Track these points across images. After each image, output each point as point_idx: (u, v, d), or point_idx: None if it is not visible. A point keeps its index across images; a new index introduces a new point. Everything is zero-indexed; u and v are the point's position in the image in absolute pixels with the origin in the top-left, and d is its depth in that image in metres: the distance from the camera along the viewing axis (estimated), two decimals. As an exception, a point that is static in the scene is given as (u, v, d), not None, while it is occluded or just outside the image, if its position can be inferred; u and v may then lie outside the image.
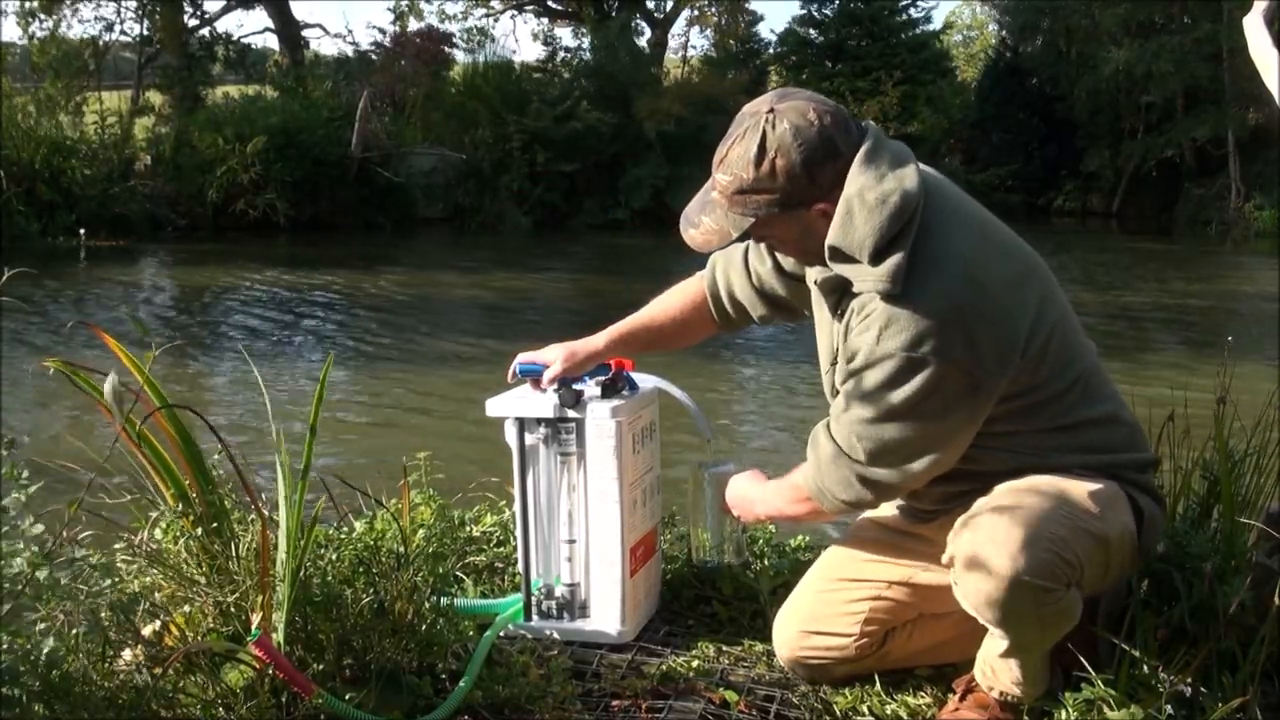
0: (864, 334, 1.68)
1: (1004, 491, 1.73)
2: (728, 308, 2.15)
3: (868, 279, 1.66)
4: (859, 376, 1.71)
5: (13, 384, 6.50)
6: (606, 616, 2.16)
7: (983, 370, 1.66)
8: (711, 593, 2.38)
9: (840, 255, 1.68)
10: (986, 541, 1.65)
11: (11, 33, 28.51)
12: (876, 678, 2.00)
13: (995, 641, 1.76)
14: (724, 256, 2.15)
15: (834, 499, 1.82)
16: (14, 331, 8.46)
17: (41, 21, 19.46)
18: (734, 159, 1.70)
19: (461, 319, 10.49)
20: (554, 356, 2.11)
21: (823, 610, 1.99)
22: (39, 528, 1.50)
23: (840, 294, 1.77)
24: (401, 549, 1.90)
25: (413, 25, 24.49)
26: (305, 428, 1.77)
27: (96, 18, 33.40)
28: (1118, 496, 1.76)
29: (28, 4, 19.18)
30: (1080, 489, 1.72)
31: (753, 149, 1.67)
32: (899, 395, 1.67)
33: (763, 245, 2.05)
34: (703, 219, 1.77)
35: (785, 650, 2.03)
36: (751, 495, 2.07)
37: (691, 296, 2.18)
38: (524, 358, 2.16)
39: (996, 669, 1.81)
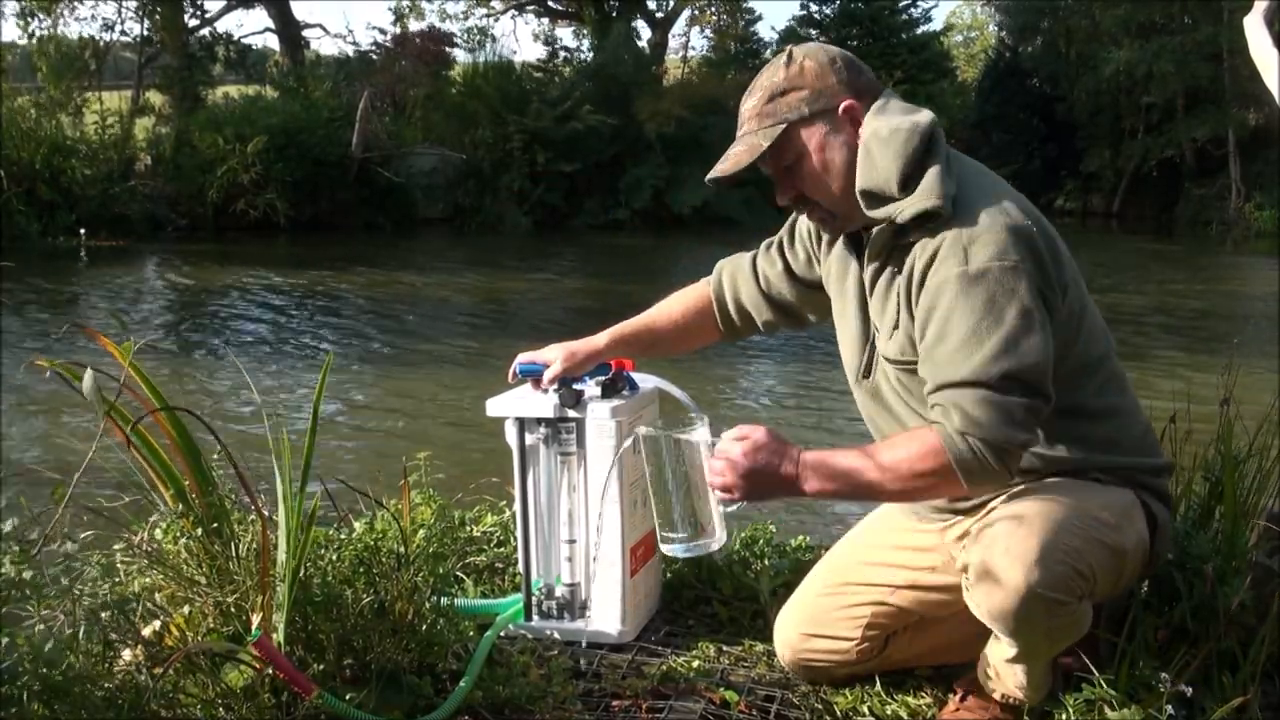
0: (943, 266, 1.62)
1: (1019, 499, 1.70)
2: (732, 314, 2.15)
3: (911, 206, 1.65)
4: (959, 309, 1.59)
5: (12, 385, 6.50)
6: (607, 616, 2.16)
7: (1049, 286, 1.64)
8: (712, 593, 2.38)
9: (873, 198, 1.70)
10: (1001, 552, 1.62)
11: (11, 33, 28.52)
12: (877, 678, 2.00)
13: (1001, 647, 1.75)
14: (731, 263, 2.15)
15: (999, 452, 1.57)
16: (13, 332, 8.46)
17: (41, 21, 19.44)
18: (762, 79, 1.79)
19: (461, 319, 10.48)
20: (554, 356, 2.11)
21: (824, 614, 1.98)
22: (14, 527, 1.50)
23: (891, 249, 1.73)
24: (402, 549, 1.90)
25: (413, 25, 24.56)
26: (305, 427, 1.77)
27: (94, 16, 33.49)
28: (1134, 505, 1.74)
29: (25, 4, 19.15)
30: (1097, 499, 1.69)
31: (780, 60, 1.78)
32: (1013, 309, 1.58)
33: (773, 249, 2.07)
34: (731, 150, 1.79)
35: (786, 652, 2.03)
36: (784, 471, 1.67)
37: (696, 301, 2.18)
38: (524, 358, 2.16)
39: (1001, 672, 1.81)
